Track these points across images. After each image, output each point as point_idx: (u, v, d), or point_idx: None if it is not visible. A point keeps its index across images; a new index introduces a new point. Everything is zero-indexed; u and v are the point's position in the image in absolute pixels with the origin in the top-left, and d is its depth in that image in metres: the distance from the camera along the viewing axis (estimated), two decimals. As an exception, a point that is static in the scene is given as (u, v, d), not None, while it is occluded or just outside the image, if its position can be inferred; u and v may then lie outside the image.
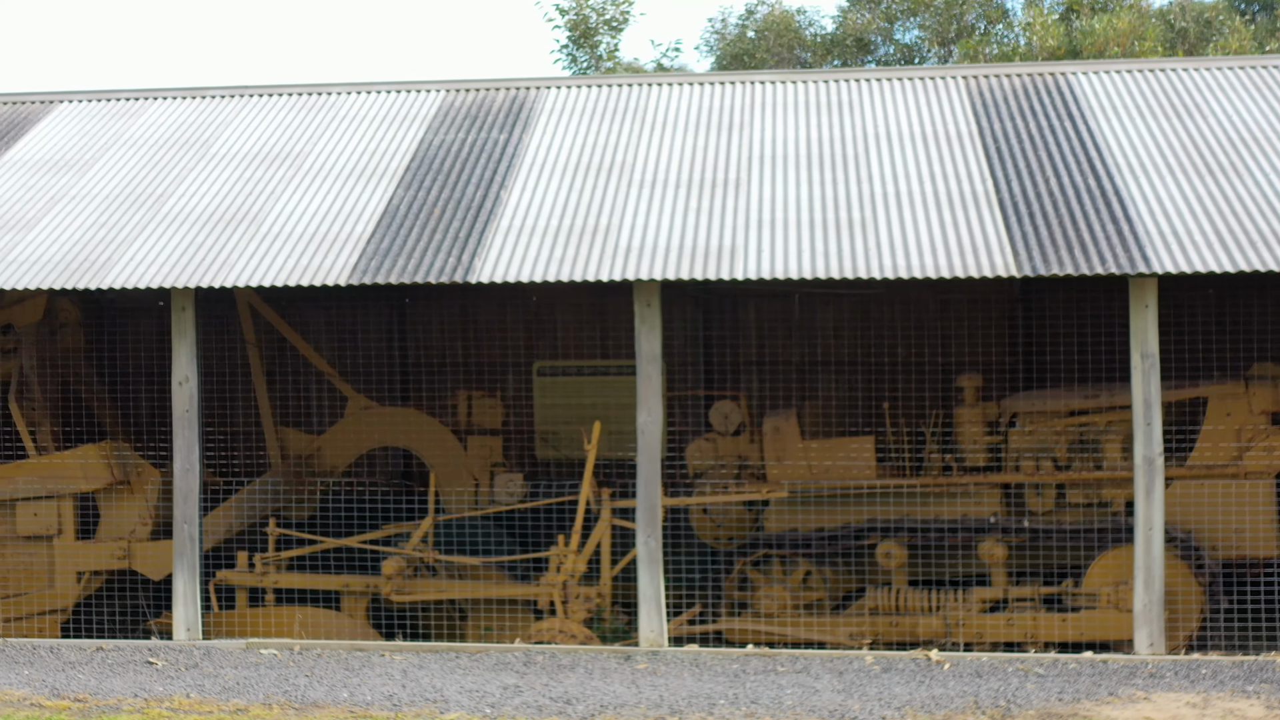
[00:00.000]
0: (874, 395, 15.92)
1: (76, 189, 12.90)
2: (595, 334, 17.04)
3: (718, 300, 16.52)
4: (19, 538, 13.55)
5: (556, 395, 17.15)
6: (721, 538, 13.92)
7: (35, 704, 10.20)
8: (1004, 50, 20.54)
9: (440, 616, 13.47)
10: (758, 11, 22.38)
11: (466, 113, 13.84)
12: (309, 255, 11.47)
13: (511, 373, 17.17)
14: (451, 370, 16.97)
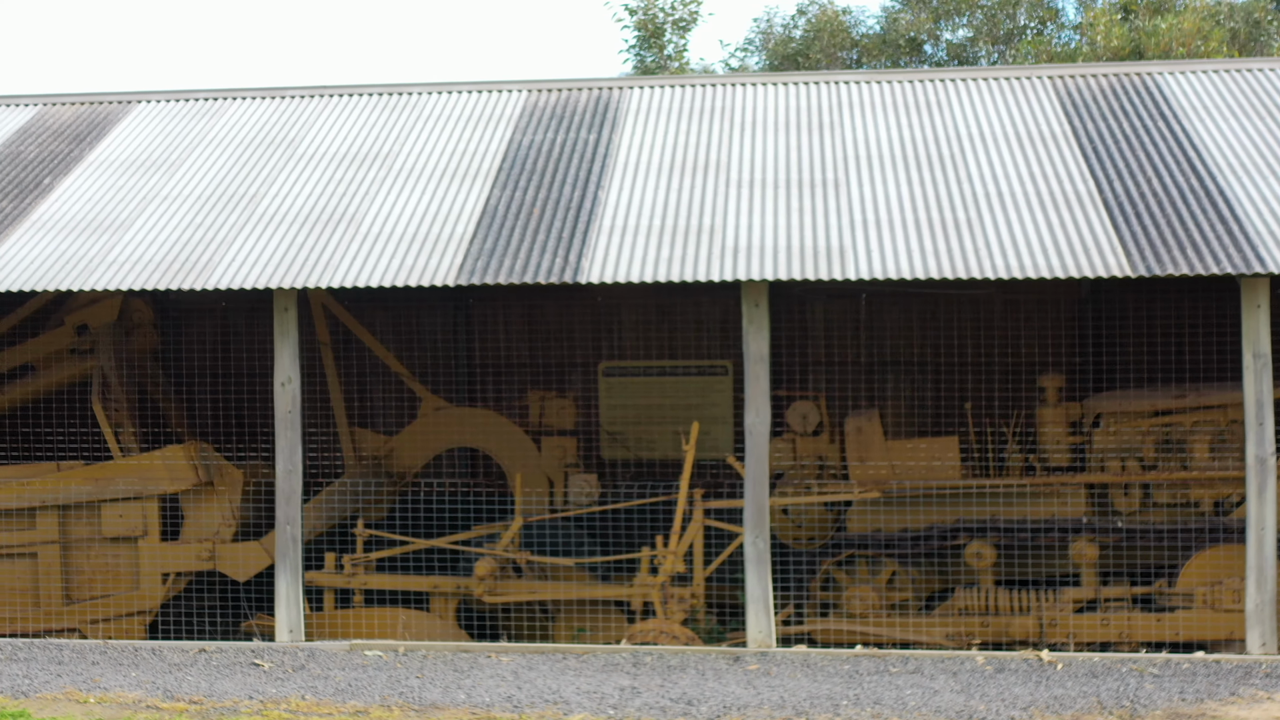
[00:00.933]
0: (943, 395, 15.93)
1: (167, 189, 12.85)
2: (662, 334, 17.04)
3: (785, 301, 16.51)
4: (104, 539, 13.50)
5: (623, 396, 17.15)
6: (801, 538, 13.91)
7: (151, 706, 10.17)
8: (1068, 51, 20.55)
9: (522, 617, 13.45)
10: (809, 11, 22.39)
11: (551, 113, 13.82)
12: (413, 256, 11.44)
13: (578, 373, 17.17)
14: (517, 371, 16.96)
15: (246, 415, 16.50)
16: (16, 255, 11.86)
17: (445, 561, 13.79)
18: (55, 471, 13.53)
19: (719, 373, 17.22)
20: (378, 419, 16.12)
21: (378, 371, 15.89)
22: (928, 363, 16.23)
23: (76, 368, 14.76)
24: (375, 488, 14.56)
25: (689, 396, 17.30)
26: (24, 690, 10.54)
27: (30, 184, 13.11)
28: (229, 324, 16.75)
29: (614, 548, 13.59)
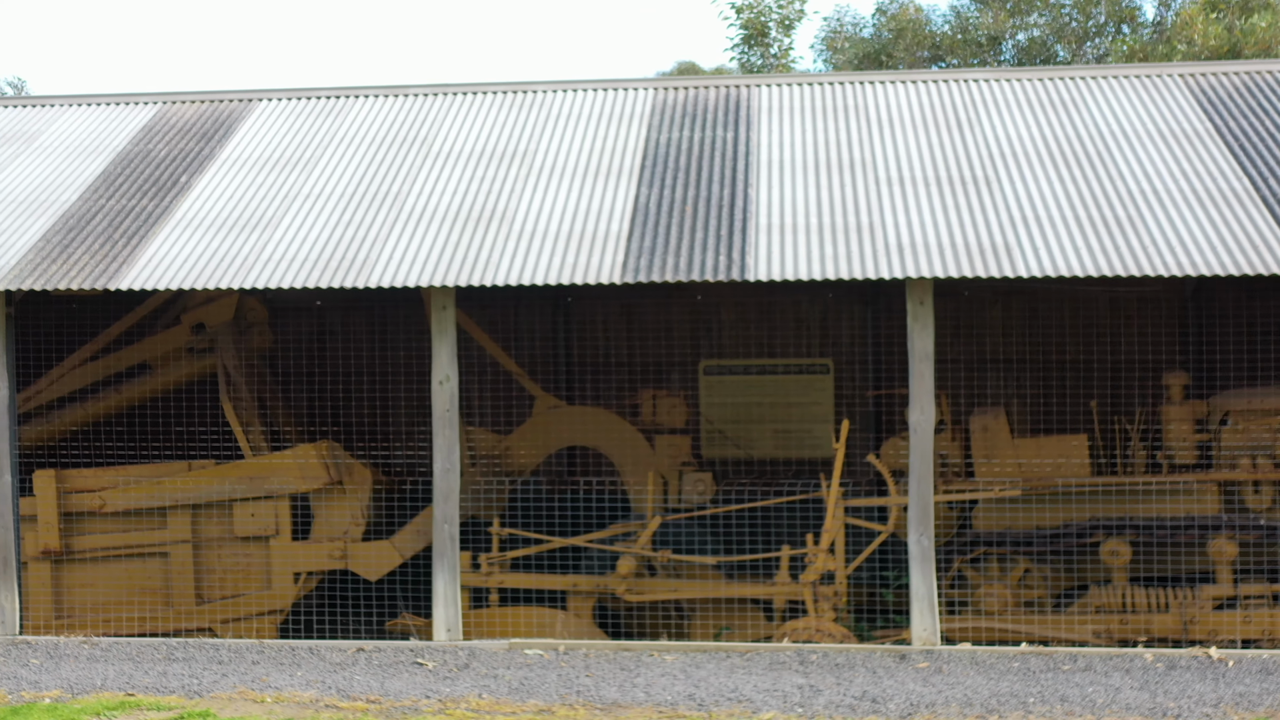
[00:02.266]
0: (1053, 393, 15.94)
1: (307, 187, 12.81)
2: (762, 333, 17.04)
3: (886, 299, 16.51)
4: (236, 538, 13.45)
5: (723, 394, 17.14)
6: None
7: (330, 705, 10.13)
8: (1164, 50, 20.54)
9: (656, 616, 13.42)
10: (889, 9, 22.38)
11: (683, 111, 13.79)
12: (572, 253, 11.41)
13: (676, 372, 17.16)
14: (614, 369, 16.95)
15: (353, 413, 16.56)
16: (170, 253, 11.82)
17: (567, 560, 13.76)
18: (187, 471, 13.48)
19: (820, 371, 17.22)
20: (486, 417, 16.11)
21: (486, 370, 15.89)
22: (1034, 360, 16.27)
23: (193, 367, 14.74)
24: (496, 486, 14.54)
25: (790, 395, 17.30)
26: (196, 690, 10.50)
27: (167, 182, 13.06)
28: (325, 323, 16.76)
29: (743, 547, 13.57)
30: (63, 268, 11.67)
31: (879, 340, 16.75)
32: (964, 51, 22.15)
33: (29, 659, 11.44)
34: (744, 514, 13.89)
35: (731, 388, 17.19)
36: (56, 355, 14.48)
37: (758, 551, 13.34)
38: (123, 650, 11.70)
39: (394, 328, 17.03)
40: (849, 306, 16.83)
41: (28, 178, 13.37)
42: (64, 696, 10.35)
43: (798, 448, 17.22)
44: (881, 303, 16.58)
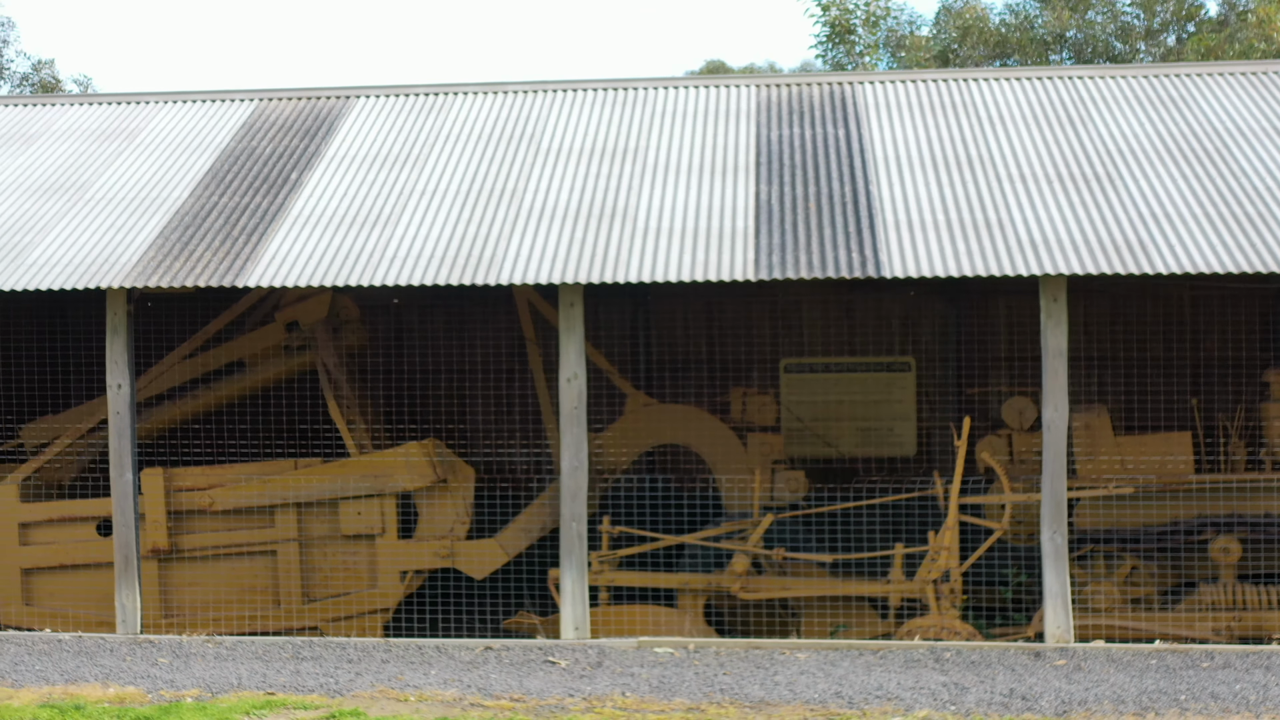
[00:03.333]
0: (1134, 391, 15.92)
1: (421, 184, 12.76)
2: (843, 331, 17.01)
3: (968, 297, 16.49)
4: (342, 537, 13.39)
5: (805, 392, 17.11)
6: (1021, 534, 13.86)
7: (475, 704, 10.08)
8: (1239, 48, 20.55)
9: (761, 614, 13.39)
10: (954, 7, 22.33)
11: (789, 108, 13.76)
12: (700, 250, 11.37)
13: (757, 370, 17.14)
14: (694, 367, 16.93)
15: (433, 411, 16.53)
16: (292, 250, 11.76)
17: (668, 558, 13.72)
18: (293, 469, 13.41)
19: (902, 369, 17.19)
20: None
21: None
22: (1110, 358, 16.26)
23: (287, 365, 14.68)
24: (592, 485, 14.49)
25: (872, 393, 17.27)
26: (335, 689, 10.45)
27: (277, 179, 13.01)
28: (402, 322, 16.72)
29: (847, 545, 13.53)
30: (186, 264, 11.62)
31: (961, 337, 16.74)
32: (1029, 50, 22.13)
33: (156, 658, 11.38)
34: (847, 512, 13.85)
35: (813, 385, 17.16)
36: (155, 353, 14.43)
37: (861, 549, 13.31)
38: (248, 649, 11.64)
39: (472, 326, 17.00)
40: (931, 304, 16.81)
41: (134, 175, 13.31)
42: (204, 695, 10.29)
43: (879, 446, 17.20)
44: (964, 300, 16.56)
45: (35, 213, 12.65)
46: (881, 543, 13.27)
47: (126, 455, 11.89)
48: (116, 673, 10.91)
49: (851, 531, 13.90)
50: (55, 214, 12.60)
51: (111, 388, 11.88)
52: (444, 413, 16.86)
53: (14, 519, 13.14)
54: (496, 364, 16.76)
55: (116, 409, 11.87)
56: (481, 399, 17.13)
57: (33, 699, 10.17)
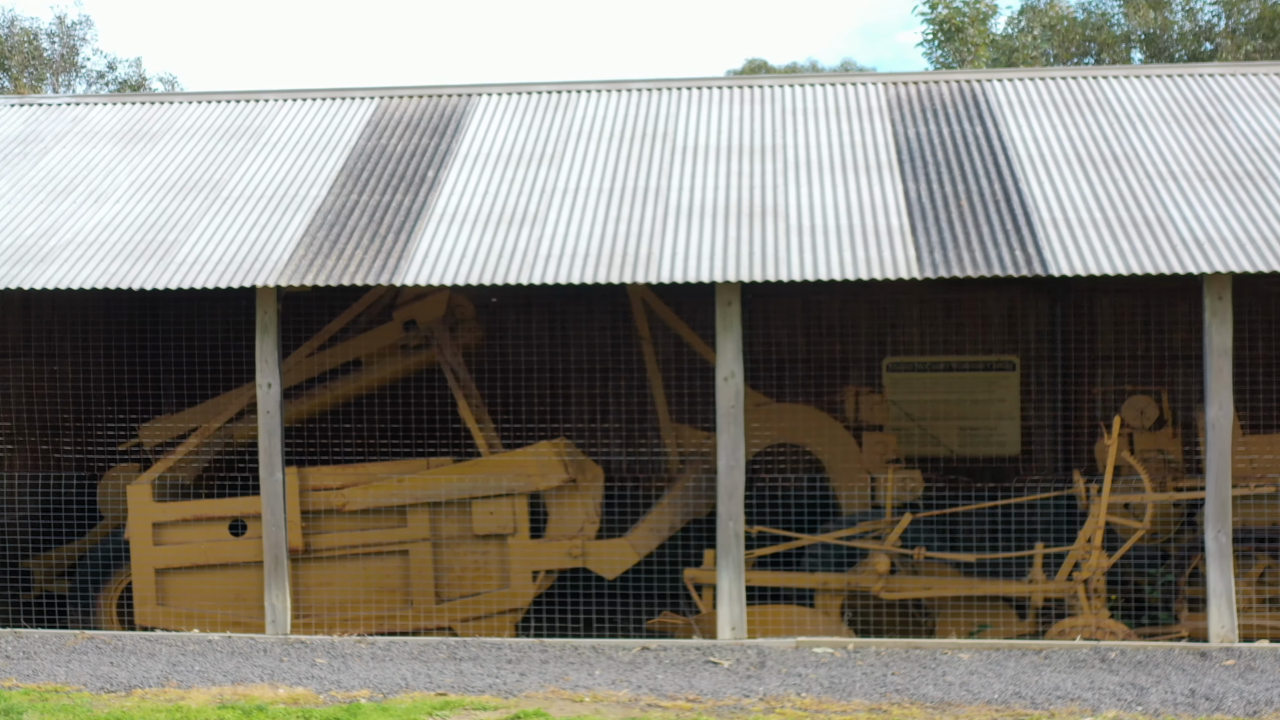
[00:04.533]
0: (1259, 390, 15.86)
1: (561, 182, 12.70)
2: (947, 329, 16.97)
3: (1073, 296, 16.45)
4: (474, 536, 13.32)
5: (908, 391, 17.07)
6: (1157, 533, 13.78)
7: (653, 704, 10.01)
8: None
9: (894, 614, 13.32)
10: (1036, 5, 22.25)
11: (921, 105, 13.70)
12: (859, 248, 11.31)
13: (860, 368, 17.09)
14: (795, 366, 16.87)
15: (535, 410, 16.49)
16: (443, 248, 11.70)
17: (791, 558, 13.67)
18: (425, 468, 13.34)
19: (1006, 368, 17.15)
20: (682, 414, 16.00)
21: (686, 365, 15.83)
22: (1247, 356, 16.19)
23: (404, 363, 14.62)
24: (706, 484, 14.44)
25: (975, 392, 17.23)
26: (506, 689, 10.39)
27: (413, 177, 12.94)
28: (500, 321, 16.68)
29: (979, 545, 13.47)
30: (339, 263, 11.55)
31: (1067, 336, 16.69)
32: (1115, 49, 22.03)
33: (314, 658, 11.32)
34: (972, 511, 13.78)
35: (916, 384, 17.13)
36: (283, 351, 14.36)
37: (991, 549, 13.24)
38: (402, 649, 11.58)
39: (572, 325, 16.96)
40: (1035, 302, 16.77)
41: (268, 173, 13.25)
42: (376, 696, 10.23)
43: (983, 445, 17.16)
44: (1069, 299, 16.51)
45: (175, 210, 12.59)
46: (1004, 543, 13.21)
47: (276, 455, 11.82)
48: (279, 673, 10.85)
49: (976, 531, 13.86)
50: (195, 212, 12.54)
51: (261, 387, 11.82)
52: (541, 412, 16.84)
53: (148, 519, 13.07)
54: (596, 363, 16.72)
55: (266, 408, 11.81)
56: (578, 398, 17.09)
57: (206, 699, 10.11)
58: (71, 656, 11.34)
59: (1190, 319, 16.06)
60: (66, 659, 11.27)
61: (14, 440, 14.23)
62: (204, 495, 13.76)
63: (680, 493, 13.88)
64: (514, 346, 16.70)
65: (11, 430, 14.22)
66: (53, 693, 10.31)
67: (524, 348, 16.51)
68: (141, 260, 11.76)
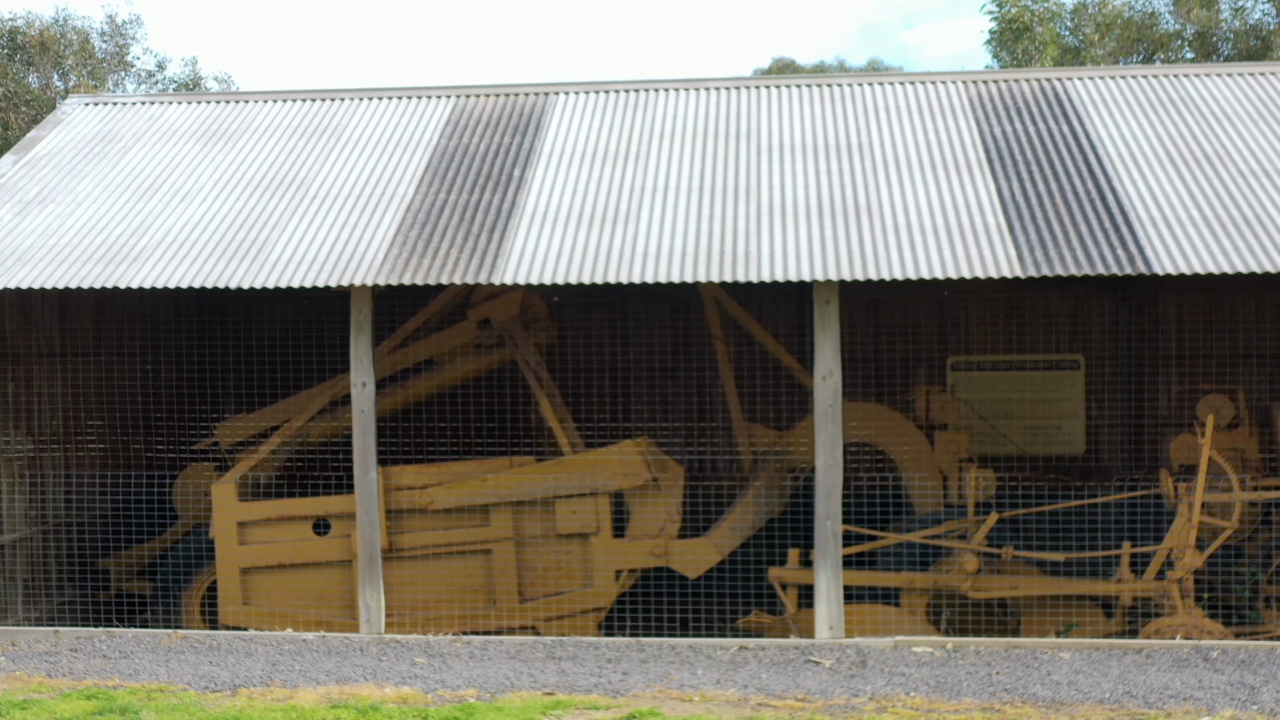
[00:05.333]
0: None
1: (649, 181, 12.68)
2: (1010, 328, 16.94)
3: (1138, 295, 16.42)
4: (557, 535, 13.30)
5: (972, 390, 17.04)
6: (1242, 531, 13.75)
7: (763, 704, 10.00)
8: None
9: (979, 613, 13.30)
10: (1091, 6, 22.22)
11: (1003, 103, 13.69)
12: (958, 246, 11.29)
13: (924, 368, 17.06)
14: (861, 365, 16.85)
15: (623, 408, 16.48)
16: (537, 247, 11.68)
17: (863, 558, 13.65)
18: (508, 468, 13.32)
19: (1070, 367, 17.13)
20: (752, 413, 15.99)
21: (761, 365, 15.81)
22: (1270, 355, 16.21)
23: (479, 362, 14.61)
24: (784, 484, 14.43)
25: (1040, 390, 17.21)
26: (613, 688, 10.37)
27: (499, 176, 12.93)
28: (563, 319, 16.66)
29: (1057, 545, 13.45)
30: (434, 262, 11.54)
31: (1132, 335, 16.66)
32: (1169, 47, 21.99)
33: (412, 658, 11.30)
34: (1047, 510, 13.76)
35: (980, 383, 17.11)
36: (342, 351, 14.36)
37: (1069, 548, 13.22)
38: (499, 649, 11.56)
39: (635, 324, 16.94)
40: (1100, 301, 16.74)
41: (351, 172, 13.24)
42: (483, 695, 10.21)
43: (1047, 444, 17.14)
44: (1134, 298, 16.49)
45: (263, 210, 12.57)
46: (1086, 542, 13.19)
47: (370, 454, 11.81)
48: (380, 673, 10.83)
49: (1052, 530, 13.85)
50: (284, 211, 12.53)
51: (355, 386, 11.81)
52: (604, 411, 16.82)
53: (233, 518, 13.05)
54: (658, 361, 16.71)
55: (360, 407, 11.80)
56: (638, 396, 17.07)
57: (315, 699, 10.09)
58: (169, 656, 11.33)
59: (1260, 317, 16.08)
60: (165, 658, 11.26)
61: (89, 439, 14.21)
62: (278, 495, 13.74)
63: (759, 492, 13.87)
64: (579, 345, 16.69)
65: (85, 429, 14.20)
66: (159, 692, 10.30)
67: (596, 346, 16.48)
68: (235, 259, 11.75)
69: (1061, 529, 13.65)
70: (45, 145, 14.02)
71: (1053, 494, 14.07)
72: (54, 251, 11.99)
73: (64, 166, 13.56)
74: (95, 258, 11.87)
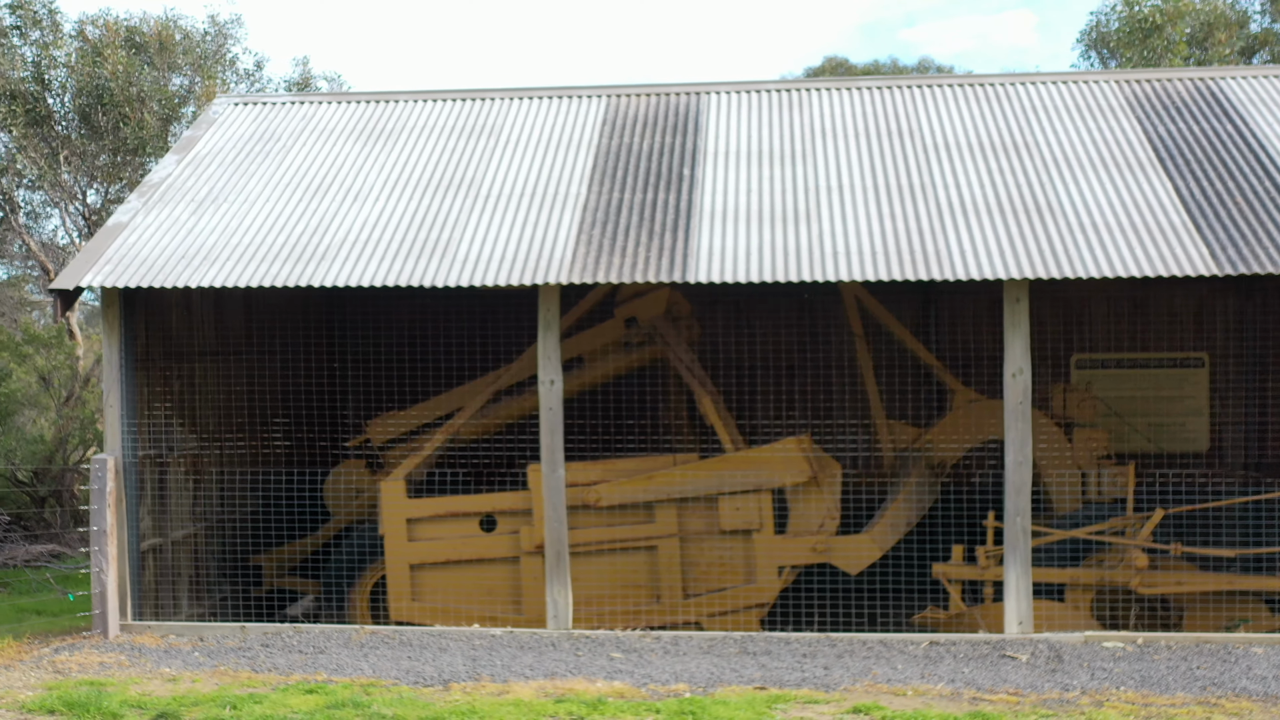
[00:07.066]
0: None
1: (823, 180, 12.77)
2: (1134, 327, 17.03)
3: (1262, 293, 16.50)
4: (719, 532, 13.39)
5: (1096, 388, 17.12)
6: None
7: (976, 698, 10.08)
8: None
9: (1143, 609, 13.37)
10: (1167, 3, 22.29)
11: (1160, 102, 13.78)
12: (1150, 246, 11.38)
13: (1047, 365, 17.14)
14: (982, 363, 16.93)
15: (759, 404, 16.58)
16: (724, 246, 11.78)
17: None
18: (672, 465, 13.41)
19: (1195, 365, 17.21)
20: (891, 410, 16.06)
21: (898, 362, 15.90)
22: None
23: (626, 361, 14.70)
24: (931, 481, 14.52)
25: (1164, 388, 17.29)
26: (822, 683, 10.47)
27: (669, 175, 13.02)
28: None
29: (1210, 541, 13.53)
30: (624, 260, 11.63)
31: (1257, 333, 16.75)
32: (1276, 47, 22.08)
33: (608, 653, 11.39)
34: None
35: (1103, 381, 17.19)
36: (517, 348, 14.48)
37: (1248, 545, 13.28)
38: (689, 644, 11.66)
39: (757, 321, 17.02)
40: (1224, 299, 16.83)
41: (518, 171, 13.33)
42: (696, 689, 10.30)
43: (1170, 442, 17.23)
44: (1258, 296, 16.57)
45: (439, 209, 12.67)
46: (1252, 539, 13.27)
47: (558, 451, 11.90)
48: (583, 668, 10.93)
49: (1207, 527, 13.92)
50: (460, 210, 12.62)
51: (544, 383, 11.90)
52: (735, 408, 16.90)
53: (402, 515, 13.14)
54: (783, 359, 16.79)
55: (549, 405, 11.89)
56: (763, 394, 17.16)
57: (532, 693, 10.18)
58: (364, 651, 11.43)
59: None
60: (361, 654, 11.35)
61: (245, 437, 14.31)
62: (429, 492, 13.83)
63: (914, 488, 13.97)
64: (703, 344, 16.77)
65: (242, 427, 14.31)
66: (371, 687, 10.39)
67: (722, 344, 16.56)
68: (421, 258, 11.84)
69: (1222, 526, 13.74)
70: (203, 145, 14.11)
71: (1216, 490, 14.16)
72: (239, 250, 12.08)
73: (228, 166, 13.66)
74: (282, 256, 11.96)
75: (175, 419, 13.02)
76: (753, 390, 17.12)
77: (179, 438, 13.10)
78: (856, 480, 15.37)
